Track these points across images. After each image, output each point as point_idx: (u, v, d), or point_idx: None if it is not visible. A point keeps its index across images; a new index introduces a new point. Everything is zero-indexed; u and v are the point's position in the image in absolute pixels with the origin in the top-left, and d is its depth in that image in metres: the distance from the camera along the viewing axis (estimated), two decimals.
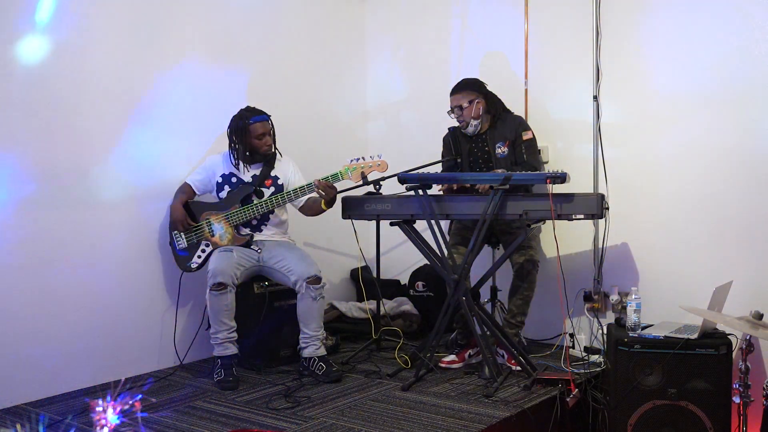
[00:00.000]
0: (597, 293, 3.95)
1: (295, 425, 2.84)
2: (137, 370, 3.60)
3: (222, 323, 3.47)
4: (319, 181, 3.51)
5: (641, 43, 3.85)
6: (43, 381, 3.26)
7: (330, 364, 3.49)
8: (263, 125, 3.63)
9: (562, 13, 4.11)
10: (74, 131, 3.41)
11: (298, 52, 4.53)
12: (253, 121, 3.61)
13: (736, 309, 3.01)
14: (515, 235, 3.69)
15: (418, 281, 4.50)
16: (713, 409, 3.06)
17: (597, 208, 3.24)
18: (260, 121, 3.62)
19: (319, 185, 3.49)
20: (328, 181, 3.52)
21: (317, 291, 3.50)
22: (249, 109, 3.67)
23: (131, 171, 3.64)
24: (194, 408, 3.10)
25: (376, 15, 4.96)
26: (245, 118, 3.62)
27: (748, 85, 3.54)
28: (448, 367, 3.64)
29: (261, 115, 3.64)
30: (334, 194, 3.54)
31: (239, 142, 3.64)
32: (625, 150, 3.90)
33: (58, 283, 3.34)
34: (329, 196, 3.53)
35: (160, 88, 3.76)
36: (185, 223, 3.64)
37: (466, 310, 3.42)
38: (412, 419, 2.88)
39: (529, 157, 3.73)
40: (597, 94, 3.94)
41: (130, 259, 3.63)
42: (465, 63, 4.39)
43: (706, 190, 3.66)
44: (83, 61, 3.43)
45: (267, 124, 3.65)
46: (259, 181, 3.70)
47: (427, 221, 3.45)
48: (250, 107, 3.69)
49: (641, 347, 3.14)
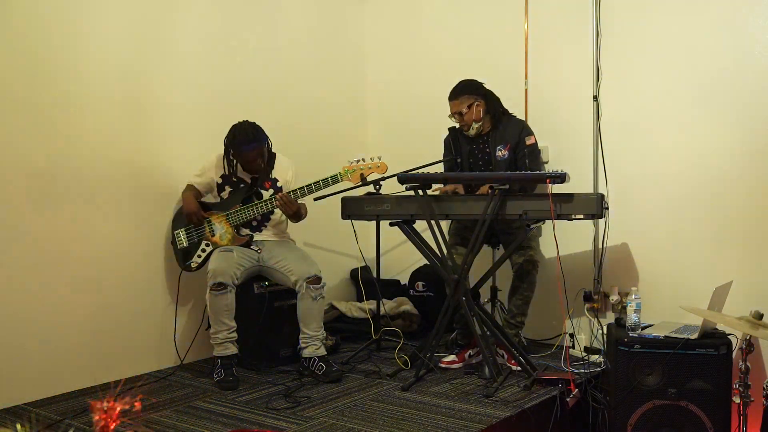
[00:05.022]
0: (597, 293, 3.95)
1: (295, 425, 2.84)
2: (137, 370, 3.60)
3: (222, 323, 3.47)
4: (281, 195, 3.52)
5: (641, 43, 3.85)
6: (43, 381, 3.26)
7: (330, 364, 3.49)
8: (254, 153, 3.59)
9: (562, 13, 4.11)
10: (74, 131, 3.41)
11: (297, 51, 4.53)
12: (245, 150, 3.57)
13: (736, 309, 3.00)
14: (515, 235, 3.69)
15: (418, 281, 4.50)
16: (713, 409, 3.06)
17: (597, 208, 3.23)
18: (251, 150, 3.58)
19: (279, 200, 3.50)
20: (289, 195, 3.51)
21: (317, 291, 3.50)
22: (243, 132, 3.56)
23: (131, 171, 3.64)
24: (194, 408, 3.10)
25: (376, 15, 4.96)
26: (239, 142, 3.55)
27: (748, 85, 3.54)
28: (448, 367, 3.64)
29: (252, 143, 3.55)
30: (292, 210, 3.54)
31: (233, 157, 3.63)
32: (625, 150, 3.90)
33: (58, 283, 3.34)
34: (289, 211, 3.54)
35: (160, 88, 3.76)
36: (199, 215, 3.62)
37: (466, 310, 3.42)
38: (412, 419, 2.88)
39: (531, 162, 3.73)
40: (597, 94, 3.94)
41: (130, 259, 3.63)
42: (465, 63, 4.38)
43: (706, 190, 3.66)
44: (84, 60, 3.43)
45: (258, 150, 3.60)
46: (259, 183, 3.70)
47: (427, 221, 3.45)
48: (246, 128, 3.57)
49: (641, 347, 3.14)
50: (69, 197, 3.39)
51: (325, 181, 3.54)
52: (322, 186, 3.55)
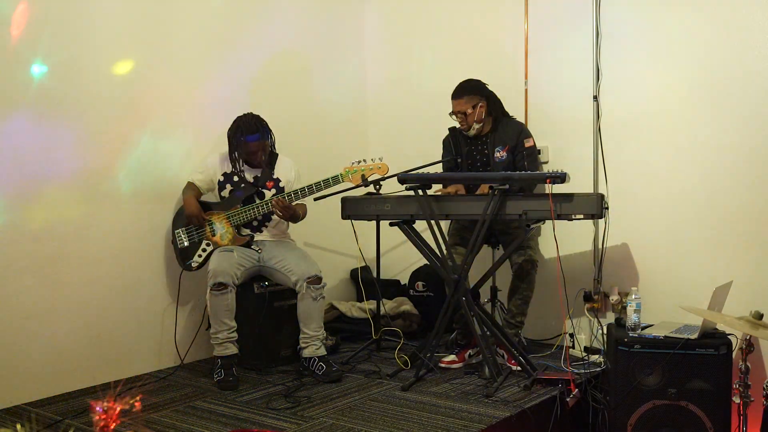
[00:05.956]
0: (597, 293, 3.95)
1: (295, 425, 2.84)
2: (137, 370, 3.60)
3: (222, 323, 3.47)
4: (276, 199, 3.53)
5: (641, 43, 3.85)
6: (43, 381, 3.26)
7: (330, 364, 3.49)
8: (257, 144, 3.61)
9: (562, 13, 4.11)
10: (74, 130, 3.41)
11: (298, 51, 4.53)
12: (248, 140, 3.59)
13: (736, 309, 3.00)
14: (515, 235, 3.69)
15: (418, 281, 4.50)
16: (713, 409, 3.06)
17: (597, 208, 3.23)
18: (254, 141, 3.60)
19: (275, 204, 3.51)
20: (284, 199, 3.53)
21: (317, 291, 3.50)
22: (247, 122, 3.61)
23: (131, 171, 3.64)
24: (194, 408, 3.10)
25: (376, 14, 4.96)
26: (242, 132, 3.59)
27: (748, 85, 3.54)
28: (448, 367, 3.64)
29: (255, 133, 3.59)
30: (288, 214, 3.56)
31: (236, 150, 3.64)
32: (625, 150, 3.90)
33: (58, 283, 3.34)
34: (284, 215, 3.56)
35: (160, 87, 3.76)
36: (201, 217, 3.63)
37: (466, 310, 3.42)
38: (412, 419, 2.88)
39: (530, 165, 3.73)
40: (597, 94, 3.94)
41: (130, 259, 3.63)
42: (465, 63, 4.38)
43: (706, 190, 3.66)
44: (84, 60, 3.43)
45: (261, 142, 3.62)
46: (261, 183, 3.70)
47: (427, 221, 3.45)
48: (250, 119, 3.62)
49: (641, 347, 3.14)
50: (69, 197, 3.39)
51: (326, 181, 3.54)
52: (323, 187, 3.56)
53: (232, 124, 3.65)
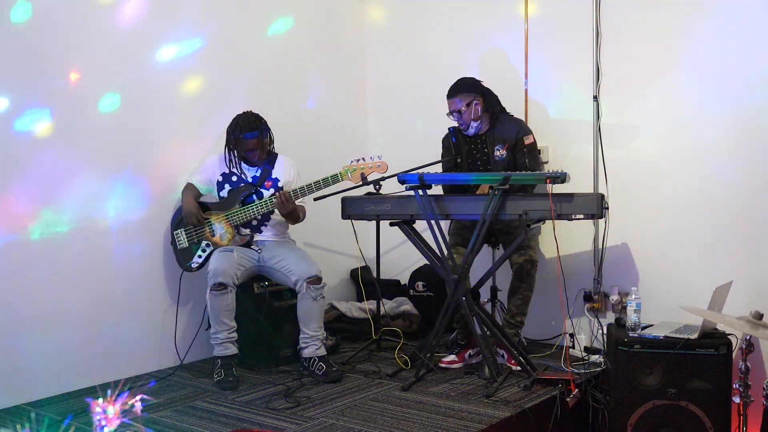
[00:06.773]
0: (597, 293, 3.95)
1: (295, 425, 2.84)
2: (137, 370, 3.59)
3: (222, 323, 3.47)
4: (280, 192, 3.53)
5: (641, 43, 3.84)
6: (43, 381, 3.25)
7: (330, 364, 3.49)
8: (255, 141, 3.61)
9: (562, 13, 4.10)
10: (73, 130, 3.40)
11: (297, 51, 4.53)
12: (246, 137, 3.59)
13: (736, 309, 3.01)
14: (515, 235, 3.69)
15: (418, 281, 4.50)
16: (713, 409, 3.06)
17: (597, 208, 3.24)
18: (252, 138, 3.60)
19: (278, 198, 3.52)
20: (289, 195, 3.52)
21: (317, 291, 3.50)
22: (246, 120, 3.61)
23: (131, 171, 3.63)
24: (194, 408, 3.10)
25: (376, 15, 4.96)
26: (240, 129, 3.59)
27: (748, 84, 3.54)
28: (448, 367, 3.64)
29: (254, 131, 3.59)
30: (287, 210, 3.56)
31: (234, 148, 3.64)
32: (625, 150, 3.90)
33: (58, 282, 3.34)
34: (284, 210, 3.56)
35: (160, 87, 3.76)
36: (199, 217, 3.62)
37: (466, 310, 3.42)
38: (412, 419, 2.88)
39: (531, 162, 3.72)
40: (597, 94, 3.94)
41: (130, 259, 3.63)
42: (465, 62, 4.38)
43: (706, 189, 3.66)
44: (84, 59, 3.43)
45: (259, 140, 3.62)
46: (260, 182, 3.70)
47: (427, 221, 3.45)
48: (249, 117, 3.62)
49: (641, 347, 3.14)
50: (69, 197, 3.39)
51: (326, 180, 3.54)
52: (322, 185, 3.55)
53: (231, 122, 3.65)
